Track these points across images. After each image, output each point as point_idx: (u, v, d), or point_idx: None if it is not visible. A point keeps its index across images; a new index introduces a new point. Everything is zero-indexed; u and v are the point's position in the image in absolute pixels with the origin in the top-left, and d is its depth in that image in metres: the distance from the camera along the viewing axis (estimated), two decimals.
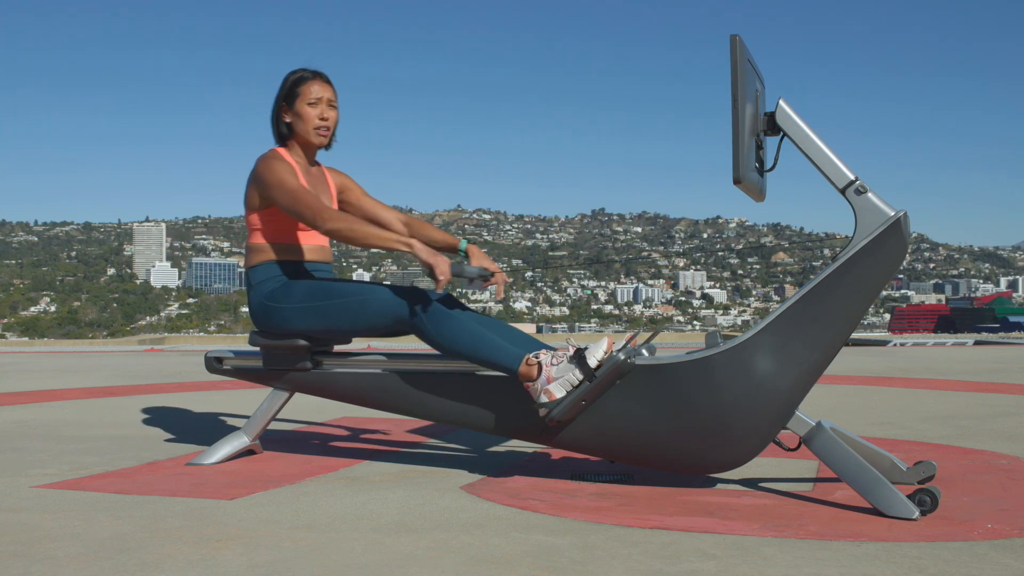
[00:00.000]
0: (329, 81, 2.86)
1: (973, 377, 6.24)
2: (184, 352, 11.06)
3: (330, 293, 2.70)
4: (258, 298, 2.80)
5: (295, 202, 2.65)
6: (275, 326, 2.78)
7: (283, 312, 2.74)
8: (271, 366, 2.85)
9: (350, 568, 1.76)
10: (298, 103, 2.80)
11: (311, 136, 2.82)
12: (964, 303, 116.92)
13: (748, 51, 2.29)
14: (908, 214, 2.25)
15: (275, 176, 2.70)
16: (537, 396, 2.43)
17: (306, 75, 2.83)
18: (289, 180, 2.69)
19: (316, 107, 2.80)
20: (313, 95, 2.80)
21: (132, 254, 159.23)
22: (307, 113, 2.80)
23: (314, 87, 2.81)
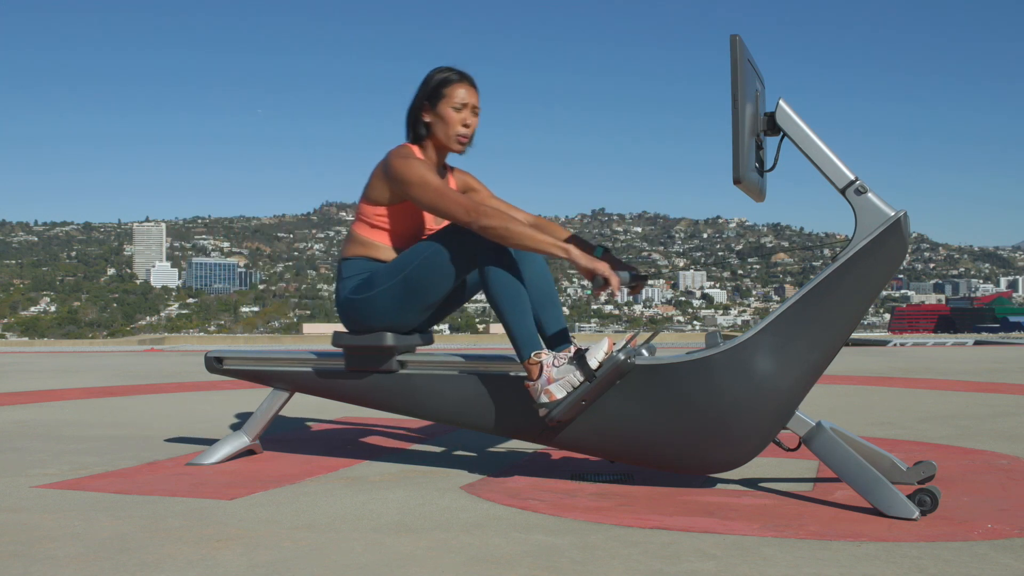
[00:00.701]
0: (476, 86, 2.73)
1: (973, 377, 6.24)
2: (184, 352, 11.07)
3: (407, 261, 2.61)
4: (344, 293, 2.72)
5: (443, 200, 2.52)
6: (361, 320, 2.69)
7: (369, 301, 2.65)
8: (353, 367, 2.76)
9: (350, 568, 1.76)
10: (442, 105, 2.67)
11: (451, 142, 2.69)
12: (964, 303, 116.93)
13: (748, 51, 2.29)
14: (908, 214, 2.25)
15: (417, 173, 2.57)
16: (537, 396, 2.43)
17: (453, 77, 2.70)
18: (434, 178, 2.56)
19: (461, 112, 2.67)
20: (459, 99, 2.67)
21: (132, 254, 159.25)
22: (451, 117, 2.67)
23: (461, 91, 2.68)
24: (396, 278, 2.63)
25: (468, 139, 2.72)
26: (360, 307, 2.68)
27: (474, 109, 2.71)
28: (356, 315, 2.70)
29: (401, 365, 2.72)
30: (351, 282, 2.72)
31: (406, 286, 2.61)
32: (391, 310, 2.65)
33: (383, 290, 2.64)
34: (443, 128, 2.68)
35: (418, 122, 2.73)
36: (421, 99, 2.72)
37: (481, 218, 2.47)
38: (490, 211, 2.49)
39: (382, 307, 2.65)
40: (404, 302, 2.64)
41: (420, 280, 2.60)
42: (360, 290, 2.69)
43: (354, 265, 2.72)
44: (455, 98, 2.67)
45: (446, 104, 2.67)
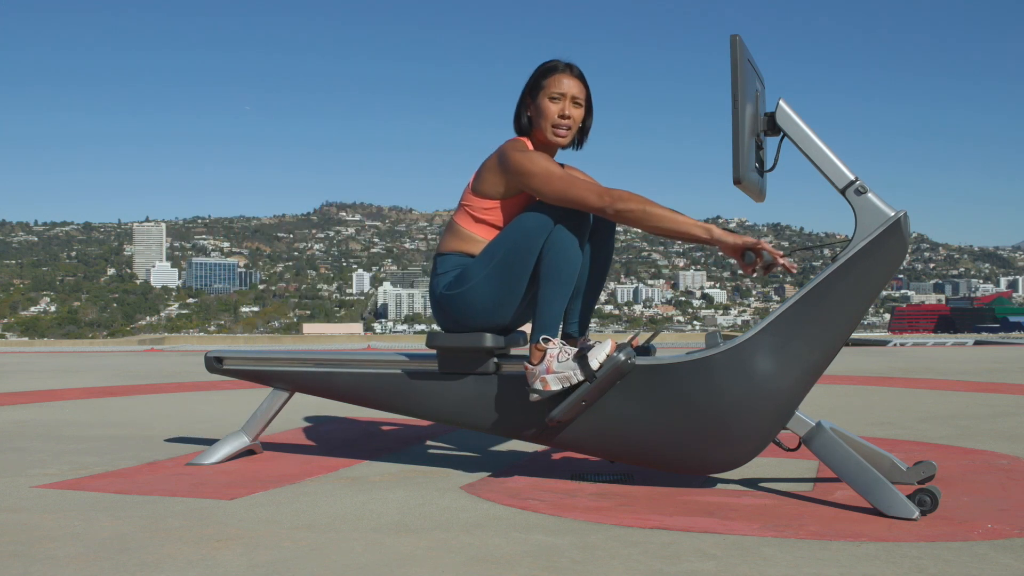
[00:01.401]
0: (581, 77, 2.62)
1: (973, 377, 6.24)
2: (184, 352, 11.07)
3: (495, 250, 2.53)
4: (439, 288, 2.63)
5: (572, 187, 2.42)
6: (457, 316, 2.59)
7: (463, 296, 2.56)
8: (449, 369, 2.66)
9: (350, 568, 1.76)
10: (540, 96, 2.59)
11: (548, 133, 2.58)
12: (964, 303, 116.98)
13: (748, 51, 2.29)
14: (908, 214, 2.25)
15: (540, 164, 2.48)
16: (532, 381, 2.43)
17: (556, 67, 2.61)
18: (555, 168, 2.47)
19: (558, 103, 2.58)
20: (558, 89, 2.58)
21: (132, 254, 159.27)
22: (547, 108, 2.58)
23: (561, 81, 2.58)
24: (489, 266, 2.53)
25: (569, 131, 2.61)
26: (458, 301, 2.58)
27: (575, 100, 2.60)
28: (454, 310, 2.60)
29: (498, 367, 2.63)
30: (446, 278, 2.62)
31: (500, 273, 2.51)
32: (490, 301, 2.54)
33: (479, 281, 2.54)
34: (541, 120, 2.59)
35: (521, 116, 2.66)
36: (524, 93, 2.66)
37: (616, 201, 2.38)
38: (625, 194, 2.40)
39: (481, 300, 2.55)
40: (501, 290, 2.53)
41: (512, 264, 2.50)
42: (454, 286, 2.59)
43: (450, 260, 2.62)
44: (553, 88, 2.59)
45: (544, 95, 2.59)
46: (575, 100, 2.60)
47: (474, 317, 2.57)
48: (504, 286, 2.53)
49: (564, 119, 2.58)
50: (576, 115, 2.61)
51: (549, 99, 2.58)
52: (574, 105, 2.60)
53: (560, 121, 2.58)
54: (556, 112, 2.58)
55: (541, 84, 2.60)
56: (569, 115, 2.59)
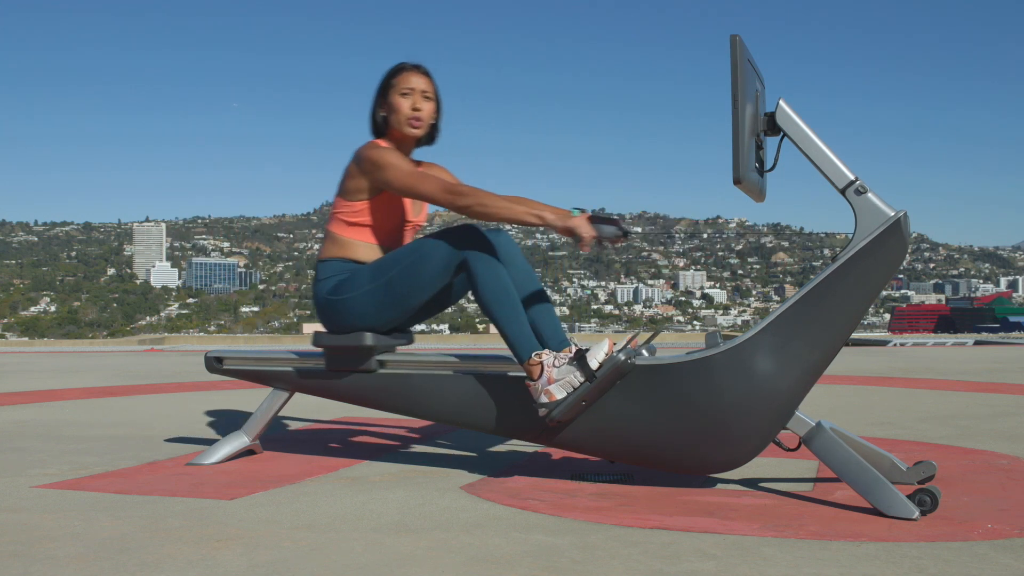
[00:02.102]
0: (427, 73, 2.81)
1: (973, 377, 6.24)
2: (184, 352, 11.07)
3: (388, 266, 2.64)
4: (322, 294, 2.74)
5: (419, 181, 2.58)
6: (339, 321, 2.71)
7: (346, 303, 2.68)
8: (334, 367, 2.78)
9: (350, 568, 1.76)
10: (392, 94, 2.76)
11: (403, 126, 2.75)
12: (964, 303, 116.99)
13: (748, 51, 2.29)
14: (908, 214, 2.25)
15: (388, 159, 2.63)
16: (538, 396, 2.43)
17: (403, 67, 2.79)
18: (405, 164, 2.63)
19: (409, 97, 2.75)
20: (407, 84, 2.76)
21: (132, 254, 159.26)
22: (399, 103, 2.75)
23: (410, 78, 2.77)
24: (378, 281, 2.65)
25: (423, 122, 2.77)
26: (340, 307, 2.70)
27: (424, 94, 2.78)
28: (336, 315, 2.73)
29: (381, 364, 2.74)
30: (329, 283, 2.74)
31: (389, 290, 2.64)
32: (372, 312, 2.68)
33: (364, 292, 2.67)
34: (395, 116, 2.76)
35: (376, 116, 2.82)
36: (377, 95, 2.82)
37: (458, 198, 2.53)
38: (465, 189, 2.55)
39: (363, 308, 2.68)
40: (385, 305, 2.66)
41: (403, 285, 2.62)
42: (339, 291, 2.71)
43: (332, 266, 2.75)
44: (403, 84, 2.76)
45: (395, 92, 2.77)
46: (425, 94, 2.79)
47: (358, 322, 2.70)
48: (388, 302, 2.66)
49: (416, 111, 2.75)
50: (427, 108, 2.79)
51: (400, 95, 2.76)
52: (424, 99, 2.78)
53: (413, 113, 2.75)
54: (408, 106, 2.75)
55: (391, 83, 2.78)
56: (420, 108, 2.76)
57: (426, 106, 2.78)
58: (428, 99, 2.79)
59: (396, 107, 2.75)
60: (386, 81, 2.79)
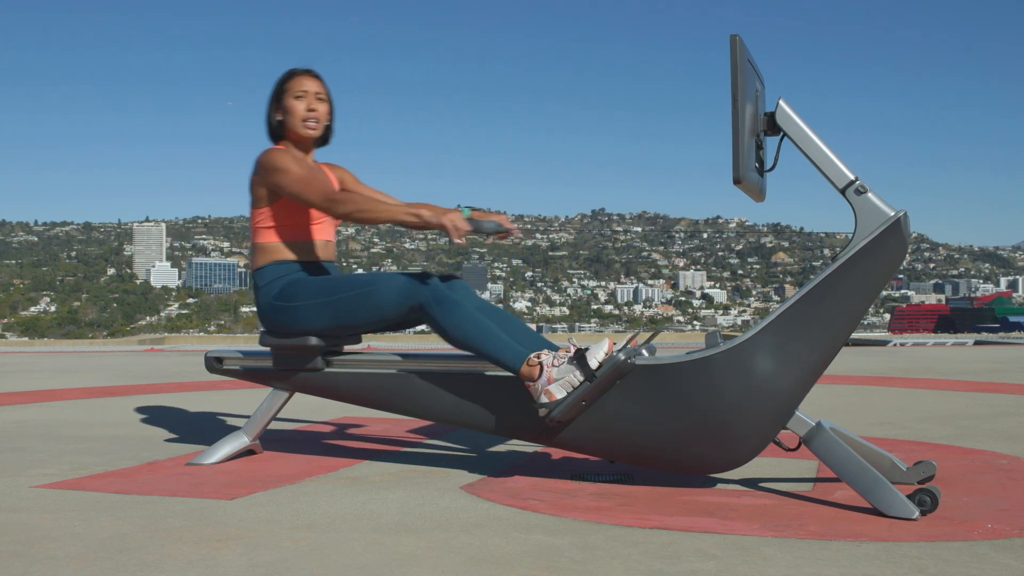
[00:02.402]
0: (318, 76, 2.89)
1: (973, 377, 6.24)
2: (184, 352, 11.07)
3: (339, 287, 2.70)
4: (266, 299, 2.79)
5: (305, 188, 2.66)
6: (284, 325, 2.77)
7: (293, 310, 2.73)
8: (281, 366, 2.84)
9: (350, 568, 1.76)
10: (286, 98, 2.84)
11: (300, 128, 2.83)
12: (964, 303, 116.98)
13: (748, 51, 2.29)
14: (908, 214, 2.25)
15: (281, 163, 2.71)
16: (538, 397, 2.43)
17: (294, 72, 2.87)
18: (296, 167, 2.70)
19: (303, 100, 2.83)
20: (300, 88, 2.84)
21: (132, 254, 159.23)
22: (294, 106, 2.83)
23: (302, 81, 2.85)
24: (326, 298, 2.70)
25: (319, 123, 2.86)
26: (288, 314, 2.75)
27: (318, 96, 2.86)
28: (282, 321, 2.77)
29: (327, 363, 2.80)
30: (271, 288, 2.79)
31: (335, 309, 2.69)
32: (312, 324, 2.73)
33: (312, 305, 2.71)
34: (291, 118, 2.84)
35: (271, 122, 2.89)
36: (271, 101, 2.89)
37: (336, 206, 2.62)
38: (345, 197, 2.64)
39: (306, 319, 2.73)
40: (330, 321, 2.71)
41: (350, 310, 2.67)
42: (284, 296, 2.76)
43: (268, 272, 2.80)
44: (296, 88, 2.84)
45: (289, 96, 2.84)
46: (318, 96, 2.87)
47: (301, 329, 2.75)
48: (333, 320, 2.70)
49: (311, 112, 2.84)
50: (322, 109, 2.87)
51: (295, 98, 2.84)
52: (318, 100, 2.87)
53: (308, 114, 2.84)
54: (303, 108, 2.84)
55: (285, 88, 2.86)
56: (315, 108, 2.85)
57: (320, 107, 2.86)
58: (322, 100, 2.87)
59: (291, 110, 2.83)
60: (279, 87, 2.86)
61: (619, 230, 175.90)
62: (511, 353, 2.48)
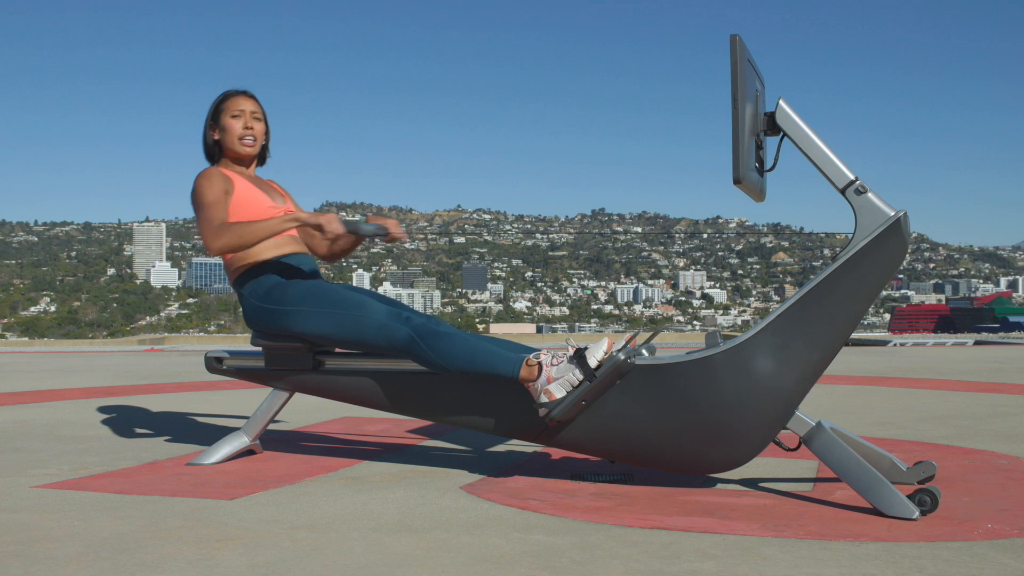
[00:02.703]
0: (254, 97, 2.95)
1: (973, 377, 6.24)
2: (184, 352, 11.07)
3: (325, 300, 2.70)
4: (252, 302, 2.80)
5: (202, 223, 2.70)
6: (271, 327, 2.77)
7: (280, 313, 2.74)
8: (273, 366, 2.85)
9: (350, 568, 1.76)
10: (223, 118, 2.90)
11: (237, 145, 2.88)
12: (964, 303, 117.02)
13: (748, 51, 2.29)
14: (908, 214, 2.25)
15: (199, 194, 2.74)
16: (537, 396, 2.43)
17: (229, 92, 2.94)
18: (209, 197, 2.72)
19: (239, 118, 2.89)
20: (237, 106, 2.89)
21: (132, 254, 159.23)
22: (230, 125, 2.88)
23: (238, 100, 2.91)
24: (312, 307, 2.70)
25: (256, 141, 2.92)
26: (275, 316, 2.75)
27: (254, 115, 2.92)
28: (270, 323, 2.77)
29: (319, 363, 2.80)
30: (256, 292, 2.79)
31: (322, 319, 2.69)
32: (302, 330, 2.72)
33: (299, 311, 2.71)
34: (228, 137, 2.89)
35: (208, 140, 2.94)
36: (207, 121, 2.94)
37: (217, 240, 2.65)
38: (219, 231, 2.66)
39: (294, 323, 2.73)
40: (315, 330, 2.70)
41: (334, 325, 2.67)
42: (271, 300, 2.76)
43: (245, 278, 2.82)
44: (232, 107, 2.90)
45: (226, 115, 2.90)
46: (254, 115, 2.93)
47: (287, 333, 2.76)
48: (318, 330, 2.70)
49: (248, 130, 2.90)
50: (258, 128, 2.94)
51: (232, 117, 2.90)
52: (254, 119, 2.93)
53: (245, 132, 2.89)
54: (240, 126, 2.89)
55: (222, 107, 2.92)
56: (251, 126, 2.91)
57: (257, 126, 2.92)
58: (258, 120, 2.93)
59: (228, 128, 2.88)
60: (216, 107, 2.91)
61: (619, 230, 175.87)
62: (506, 362, 2.48)
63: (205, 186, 2.76)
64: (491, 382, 2.58)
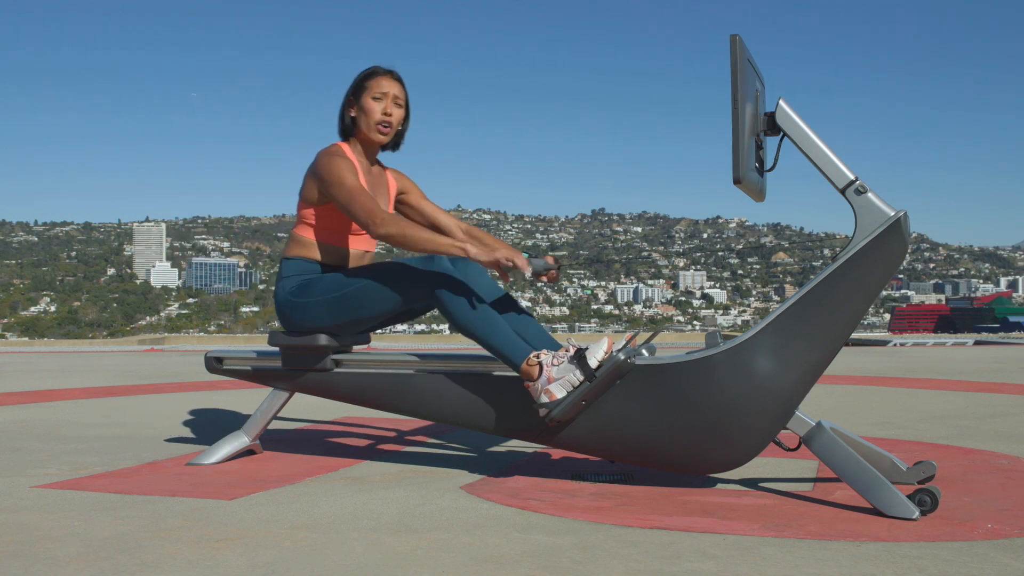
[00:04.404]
0: (399, 79, 2.81)
1: (973, 377, 6.24)
2: (184, 352, 11.07)
3: (350, 280, 2.68)
4: (283, 293, 2.78)
5: (351, 202, 2.59)
6: (296, 322, 2.76)
7: (305, 307, 2.72)
8: (290, 366, 2.82)
9: (350, 568, 1.76)
10: (364, 97, 2.76)
11: (372, 132, 2.76)
12: (964, 303, 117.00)
13: (748, 51, 2.29)
14: (908, 214, 2.25)
15: (335, 173, 2.64)
16: (537, 396, 2.43)
17: (376, 70, 2.79)
18: (349, 178, 2.63)
19: (381, 102, 2.75)
20: (380, 89, 2.76)
21: (132, 254, 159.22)
22: (371, 107, 2.75)
23: (382, 82, 2.77)
24: (336, 292, 2.69)
25: (391, 128, 2.79)
26: (298, 310, 2.74)
27: (396, 99, 2.79)
28: (293, 317, 2.77)
29: (336, 364, 2.78)
30: (290, 282, 2.78)
31: (344, 303, 2.68)
32: (326, 320, 2.72)
33: (322, 300, 2.70)
34: (365, 119, 2.76)
35: (345, 117, 2.82)
36: (347, 96, 2.81)
37: (380, 226, 2.54)
38: (389, 219, 2.56)
39: (318, 315, 2.72)
40: (339, 317, 2.70)
41: (359, 301, 2.66)
42: (299, 293, 2.75)
43: (293, 265, 2.78)
44: (376, 88, 2.76)
45: (367, 95, 2.76)
46: (396, 100, 2.79)
47: (313, 326, 2.74)
48: (342, 313, 2.69)
49: (387, 116, 2.76)
50: (397, 115, 2.80)
51: (373, 99, 2.76)
52: (395, 105, 2.79)
53: (383, 118, 2.76)
54: (380, 111, 2.76)
55: (364, 86, 2.77)
56: (391, 113, 2.77)
57: (396, 112, 2.79)
58: (399, 106, 2.80)
59: (367, 110, 2.76)
60: (359, 83, 2.78)
61: (619, 230, 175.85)
62: (514, 348, 2.48)
63: (344, 168, 2.64)
64: (491, 381, 2.58)
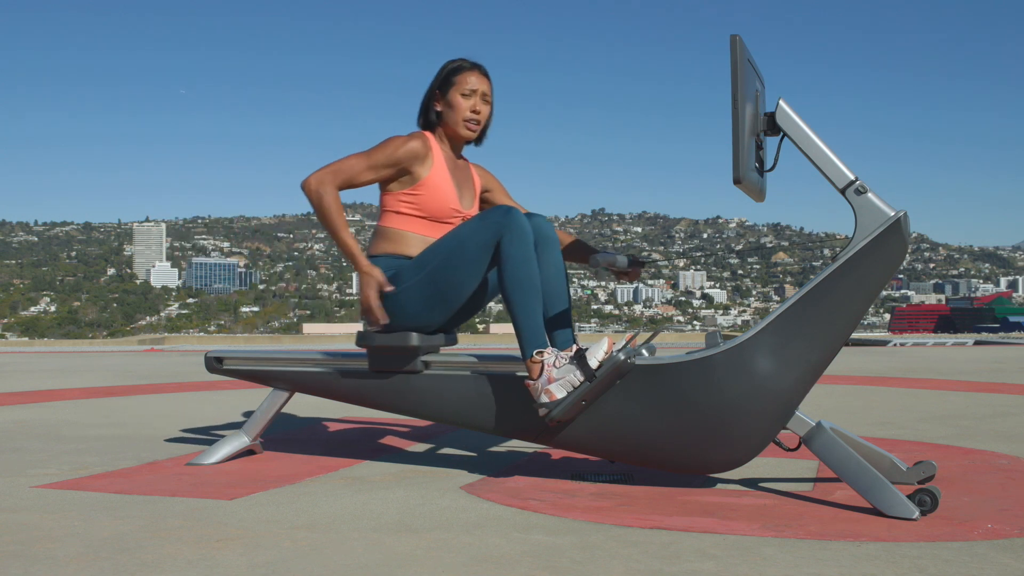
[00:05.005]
0: (487, 75, 2.77)
1: (973, 377, 6.24)
2: (184, 352, 11.07)
3: (428, 257, 2.59)
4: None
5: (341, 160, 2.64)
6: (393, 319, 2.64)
7: (395, 299, 2.61)
8: (378, 367, 2.71)
9: (350, 568, 1.76)
10: (452, 92, 2.72)
11: (460, 127, 2.72)
12: (964, 303, 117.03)
13: (748, 51, 2.29)
14: (908, 214, 2.25)
15: (386, 141, 2.66)
16: (537, 396, 2.43)
17: (465, 65, 2.75)
18: (387, 147, 2.63)
19: (470, 99, 2.72)
20: (468, 86, 2.72)
21: (132, 254, 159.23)
22: (459, 103, 2.71)
23: (471, 78, 2.73)
24: (420, 274, 2.59)
25: (478, 125, 2.75)
26: (387, 304, 2.63)
27: (484, 96, 2.75)
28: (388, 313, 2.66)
29: (426, 366, 2.68)
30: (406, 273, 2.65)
31: (431, 283, 2.58)
32: (416, 308, 2.62)
33: (408, 287, 2.61)
34: (452, 114, 2.72)
35: (430, 110, 2.78)
36: (433, 87, 2.77)
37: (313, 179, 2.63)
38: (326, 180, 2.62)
39: (407, 305, 2.62)
40: (429, 299, 2.60)
41: (445, 276, 2.56)
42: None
43: (380, 262, 2.68)
44: (466, 84, 2.72)
45: (456, 91, 2.72)
46: (484, 97, 2.76)
47: (404, 320, 2.64)
48: (437, 293, 2.61)
49: (475, 113, 2.73)
50: (485, 111, 2.76)
51: (461, 95, 2.72)
52: (483, 101, 2.75)
53: (471, 115, 2.73)
54: (468, 107, 2.72)
55: (452, 81, 2.74)
56: (479, 110, 2.74)
57: (484, 109, 2.76)
58: (487, 103, 2.77)
59: (456, 106, 2.71)
60: (447, 77, 2.74)
61: (619, 230, 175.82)
62: (532, 336, 2.46)
63: (398, 143, 2.64)
64: (491, 381, 2.58)
